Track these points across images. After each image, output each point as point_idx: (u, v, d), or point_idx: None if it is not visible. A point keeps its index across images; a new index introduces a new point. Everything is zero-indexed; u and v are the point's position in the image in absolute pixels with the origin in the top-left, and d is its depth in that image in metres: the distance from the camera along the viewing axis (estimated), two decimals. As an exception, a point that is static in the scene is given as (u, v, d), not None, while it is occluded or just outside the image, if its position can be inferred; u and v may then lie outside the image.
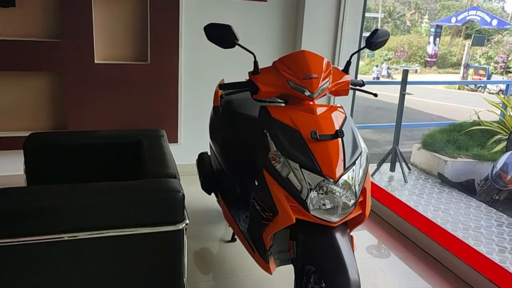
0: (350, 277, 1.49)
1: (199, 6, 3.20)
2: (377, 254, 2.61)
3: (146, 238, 1.59)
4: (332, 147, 1.61)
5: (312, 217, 1.58)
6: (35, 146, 2.09)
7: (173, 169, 1.80)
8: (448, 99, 12.45)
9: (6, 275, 1.47)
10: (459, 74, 17.92)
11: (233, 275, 2.28)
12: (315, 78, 1.70)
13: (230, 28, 1.73)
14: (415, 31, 25.58)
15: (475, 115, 5.82)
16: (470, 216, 4.30)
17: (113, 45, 3.14)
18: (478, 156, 5.22)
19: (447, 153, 5.26)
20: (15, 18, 2.89)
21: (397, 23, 28.48)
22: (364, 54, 23.88)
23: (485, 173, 4.88)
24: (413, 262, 2.49)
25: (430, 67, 20.47)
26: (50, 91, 3.10)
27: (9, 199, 1.48)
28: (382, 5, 29.73)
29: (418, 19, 28.16)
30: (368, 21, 29.62)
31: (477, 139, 5.52)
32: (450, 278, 2.34)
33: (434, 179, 5.30)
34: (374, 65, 19.50)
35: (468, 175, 5.02)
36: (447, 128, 5.74)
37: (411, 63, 20.82)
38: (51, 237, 1.46)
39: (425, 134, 5.71)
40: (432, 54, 20.45)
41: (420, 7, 29.19)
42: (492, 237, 3.93)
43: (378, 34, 1.88)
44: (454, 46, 21.48)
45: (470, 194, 4.81)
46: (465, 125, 5.86)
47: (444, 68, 20.69)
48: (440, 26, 21.01)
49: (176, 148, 3.42)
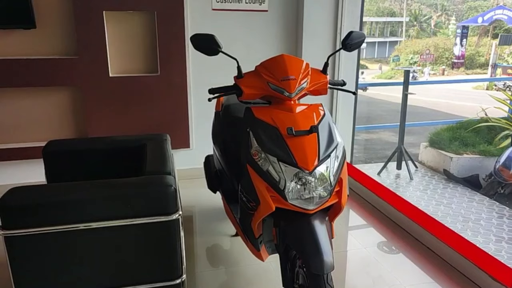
0: (324, 259, 1.61)
1: (203, 19, 3.42)
2: (384, 250, 2.71)
3: (146, 227, 1.80)
4: (307, 142, 1.75)
5: (290, 206, 1.72)
6: (52, 152, 2.36)
7: (168, 167, 2.00)
8: (472, 100, 12.20)
9: (31, 258, 1.71)
10: (487, 74, 17.44)
11: (234, 265, 2.46)
12: (293, 80, 1.86)
13: (213, 37, 1.91)
14: (441, 33, 25.13)
15: (482, 112, 5.78)
16: (472, 209, 4.33)
17: (125, 59, 3.41)
18: (484, 152, 5.22)
19: (453, 150, 5.28)
20: (37, 38, 3.20)
21: (423, 26, 28.04)
22: (389, 59, 23.63)
23: (491, 169, 4.86)
24: (408, 251, 2.58)
25: (458, 69, 20.02)
26: (70, 103, 3.41)
27: (29, 194, 1.73)
28: (407, 8, 29.34)
29: (445, 21, 27.63)
30: (393, 26, 29.36)
31: (484, 135, 5.51)
32: (441, 265, 2.41)
33: (440, 175, 5.36)
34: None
35: (473, 171, 5.03)
36: (453, 126, 5.74)
37: (438, 65, 20.44)
38: (69, 227, 1.70)
39: (432, 133, 5.73)
40: (459, 56, 20.02)
41: (447, 8, 28.63)
42: (491, 228, 3.95)
43: (353, 36, 2.00)
44: (482, 46, 20.94)
45: (474, 189, 4.83)
46: (472, 122, 5.87)
47: (472, 69, 20.19)
48: (467, 26, 20.57)
49: (188, 152, 3.66)
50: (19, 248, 1.68)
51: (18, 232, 1.65)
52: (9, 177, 3.22)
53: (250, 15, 3.52)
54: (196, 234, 2.87)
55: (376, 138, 8.19)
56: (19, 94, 3.28)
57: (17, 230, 1.65)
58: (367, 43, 26.45)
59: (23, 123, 3.34)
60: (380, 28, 29.32)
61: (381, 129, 8.56)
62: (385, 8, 29.37)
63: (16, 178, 3.02)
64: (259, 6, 3.51)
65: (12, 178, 3.06)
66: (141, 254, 1.84)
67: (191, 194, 3.34)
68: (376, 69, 23.01)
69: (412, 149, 6.30)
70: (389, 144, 7.29)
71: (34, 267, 1.73)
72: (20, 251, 1.69)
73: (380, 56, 26.37)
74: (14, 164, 3.29)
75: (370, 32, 29.14)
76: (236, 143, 2.41)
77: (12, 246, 1.67)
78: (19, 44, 3.18)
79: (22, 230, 1.66)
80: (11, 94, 3.27)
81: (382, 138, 8.19)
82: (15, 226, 1.65)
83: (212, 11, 3.44)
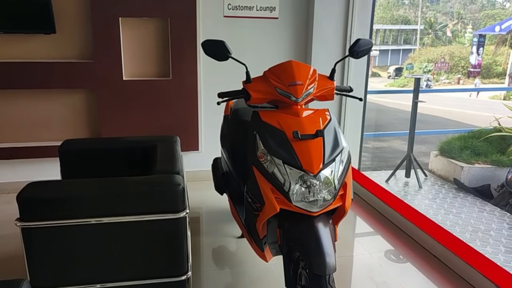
0: (327, 260, 1.64)
1: (214, 26, 3.51)
2: (391, 258, 2.73)
3: (154, 224, 1.87)
4: (313, 145, 1.80)
5: (294, 207, 1.75)
6: (68, 150, 2.46)
7: (177, 167, 2.07)
8: (488, 110, 12.08)
9: (46, 250, 1.80)
10: (505, 83, 17.21)
11: (239, 266, 2.51)
12: (300, 85, 1.91)
13: (223, 43, 1.98)
14: (457, 42, 24.92)
15: (495, 121, 5.73)
16: (482, 219, 4.28)
17: (139, 63, 3.52)
18: (497, 162, 5.16)
19: (464, 159, 5.23)
20: (56, 43, 3.34)
21: (438, 34, 27.83)
22: (403, 67, 23.50)
23: (503, 179, 4.81)
24: (414, 260, 2.60)
25: (474, 78, 19.80)
26: (85, 105, 3.53)
27: (46, 189, 1.83)
28: (422, 16, 29.18)
29: (461, 29, 27.38)
30: (407, 34, 29.21)
31: (496, 145, 5.45)
32: (448, 274, 2.42)
33: (450, 185, 5.31)
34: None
35: (485, 180, 4.97)
36: (465, 135, 5.69)
37: (453, 74, 20.26)
38: (81, 221, 1.79)
39: (442, 141, 5.70)
40: (475, 65, 19.80)
41: (463, 17, 28.37)
42: (501, 239, 3.90)
43: (360, 44, 2.05)
44: (499, 55, 20.69)
45: (485, 199, 4.76)
46: (484, 132, 5.83)
47: (489, 78, 19.95)
48: (484, 35, 20.35)
49: (197, 155, 3.73)
50: (35, 239, 1.77)
51: (34, 224, 1.74)
52: (26, 174, 3.35)
53: (261, 22, 3.59)
54: (203, 234, 2.93)
55: (387, 147, 8.17)
56: (37, 95, 3.41)
57: (34, 222, 1.74)
58: (380, 50, 26.35)
59: (40, 123, 3.47)
60: (393, 36, 29.19)
61: (392, 137, 8.54)
62: (399, 16, 29.25)
63: (32, 176, 3.13)
64: (270, 13, 3.58)
65: (29, 175, 3.17)
66: (149, 249, 1.91)
67: (198, 196, 3.41)
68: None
69: (423, 158, 6.29)
70: (399, 153, 7.26)
71: (48, 259, 1.81)
72: (35, 242, 1.78)
73: (393, 64, 26.24)
74: (31, 162, 3.42)
75: (384, 39, 29.04)
76: (243, 146, 2.46)
77: (29, 238, 1.76)
78: (40, 48, 3.32)
79: (38, 223, 1.75)
80: (30, 95, 3.40)
81: (393, 147, 8.17)
82: (32, 218, 1.74)
83: (224, 18, 3.52)
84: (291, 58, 3.70)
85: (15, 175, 3.40)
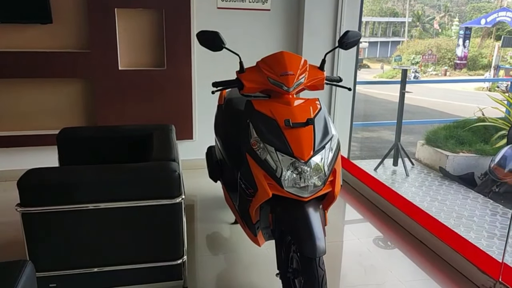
0: (317, 243, 1.72)
1: (208, 17, 3.56)
2: (379, 244, 2.84)
3: (151, 209, 1.94)
4: (304, 133, 1.87)
5: (286, 193, 1.83)
6: (66, 138, 2.50)
7: (173, 155, 2.14)
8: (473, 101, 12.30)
9: (45, 234, 1.86)
10: (490, 75, 17.50)
11: (233, 251, 2.60)
12: (291, 75, 1.98)
13: (218, 34, 2.04)
14: (444, 34, 25.15)
15: (479, 112, 5.89)
16: (466, 206, 4.42)
17: (134, 53, 3.56)
18: (480, 151, 5.31)
19: (449, 148, 5.38)
20: (52, 33, 3.36)
21: (426, 27, 28.03)
22: (391, 59, 23.69)
23: (486, 167, 4.97)
24: (401, 244, 2.71)
25: (460, 70, 20.06)
26: (82, 94, 3.56)
27: (45, 175, 1.89)
28: (410, 9, 29.32)
29: (448, 22, 27.61)
30: (396, 26, 29.36)
31: (480, 135, 5.61)
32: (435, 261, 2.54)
33: (436, 173, 5.46)
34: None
35: (469, 169, 5.12)
36: (450, 125, 5.83)
37: (440, 66, 20.48)
38: (79, 206, 1.85)
39: (428, 131, 5.83)
40: (461, 57, 20.03)
41: (450, 9, 28.60)
42: (484, 225, 4.05)
43: (349, 35, 2.12)
44: (484, 48, 20.97)
45: (469, 187, 4.92)
46: (469, 122, 5.96)
47: (475, 70, 20.23)
48: (470, 28, 20.57)
49: (192, 144, 3.79)
50: (35, 224, 1.83)
51: (34, 209, 1.80)
52: (25, 162, 3.34)
53: (254, 13, 3.65)
54: (198, 221, 3.01)
55: (376, 137, 8.30)
56: (34, 84, 3.44)
57: (33, 207, 1.80)
58: (370, 42, 26.47)
59: (36, 112, 3.50)
60: (382, 28, 29.33)
61: (380, 127, 8.68)
62: (388, 9, 29.37)
63: (29, 163, 3.08)
64: (262, 5, 3.64)
65: (27, 163, 3.14)
66: (145, 234, 1.98)
67: (193, 184, 3.48)
68: (378, 69, 23.09)
69: (410, 147, 6.41)
70: (389, 143, 7.38)
71: (48, 243, 1.88)
72: (35, 227, 1.84)
73: (382, 55, 26.41)
74: (30, 150, 3.47)
75: (373, 32, 29.16)
76: (237, 134, 2.53)
77: (28, 223, 1.82)
78: (36, 38, 3.35)
79: (38, 208, 1.81)
80: (27, 85, 3.43)
81: (382, 137, 8.30)
82: (31, 204, 1.80)
83: (217, 9, 3.57)
84: (282, 48, 3.75)
85: (11, 163, 3.44)
